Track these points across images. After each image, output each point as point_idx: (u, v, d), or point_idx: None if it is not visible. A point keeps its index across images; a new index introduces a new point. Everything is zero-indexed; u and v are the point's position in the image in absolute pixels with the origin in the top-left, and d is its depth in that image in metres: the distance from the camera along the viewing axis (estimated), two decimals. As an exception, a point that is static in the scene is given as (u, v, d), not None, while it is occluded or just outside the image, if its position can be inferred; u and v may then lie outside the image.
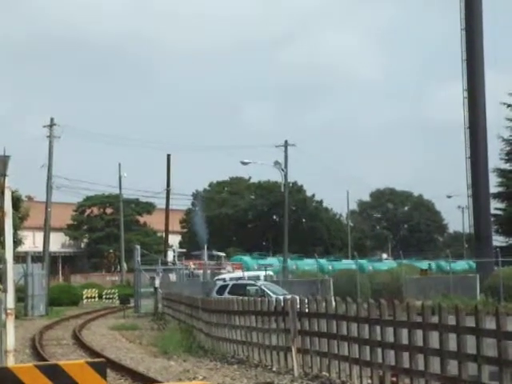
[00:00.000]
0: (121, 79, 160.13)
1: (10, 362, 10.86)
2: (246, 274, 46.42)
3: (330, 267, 52.96)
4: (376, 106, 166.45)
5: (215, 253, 66.72)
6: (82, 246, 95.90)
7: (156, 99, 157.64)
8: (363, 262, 65.39)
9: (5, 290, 11.61)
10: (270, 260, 63.86)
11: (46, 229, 57.86)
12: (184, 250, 73.16)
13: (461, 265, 65.72)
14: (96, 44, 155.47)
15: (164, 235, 69.90)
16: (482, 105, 44.81)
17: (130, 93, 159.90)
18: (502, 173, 54.45)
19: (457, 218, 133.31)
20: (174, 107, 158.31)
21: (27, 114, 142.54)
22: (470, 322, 11.58)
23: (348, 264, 62.22)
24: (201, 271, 54.82)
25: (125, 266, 77.01)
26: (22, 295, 40.04)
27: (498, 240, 53.90)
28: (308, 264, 61.77)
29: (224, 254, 67.51)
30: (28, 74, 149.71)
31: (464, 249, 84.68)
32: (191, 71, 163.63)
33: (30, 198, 78.39)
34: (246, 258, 65.61)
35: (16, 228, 42.31)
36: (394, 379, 13.27)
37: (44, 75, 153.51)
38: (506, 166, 55.16)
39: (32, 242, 76.38)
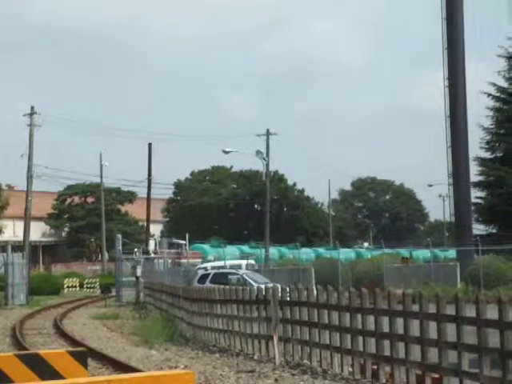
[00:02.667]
0: (101, 68, 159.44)
1: (-10, 352, 10.81)
2: (228, 262, 46.44)
3: (292, 256, 53.08)
4: (358, 96, 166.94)
5: (175, 241, 66.22)
6: (63, 235, 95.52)
7: (138, 88, 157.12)
8: (322, 250, 65.97)
9: (-15, 280, 11.56)
10: (230, 249, 63.60)
11: (27, 218, 57.66)
12: (172, 240, 72.98)
13: (423, 253, 65.90)
14: (76, 32, 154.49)
15: (145, 224, 69.78)
16: (462, 94, 45.00)
17: (111, 82, 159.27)
18: (482, 162, 54.65)
19: (438, 207, 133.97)
20: (156, 96, 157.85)
21: (7, 103, 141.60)
22: (450, 310, 11.65)
23: (307, 253, 62.43)
24: (161, 260, 54.12)
25: (106, 255, 76.85)
26: (2, 284, 39.87)
27: (479, 229, 54.16)
28: (272, 252, 61.68)
29: (184, 242, 67.07)
30: (8, 62, 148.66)
31: (445, 237, 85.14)
32: (172, 59, 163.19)
33: (10, 187, 78.11)
34: (205, 247, 65.41)
35: (-4, 217, 42.13)
36: (375, 367, 13.33)
37: (24, 64, 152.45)
38: (487, 155, 55.39)
39: (12, 231, 76.08)
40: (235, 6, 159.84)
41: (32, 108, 58.96)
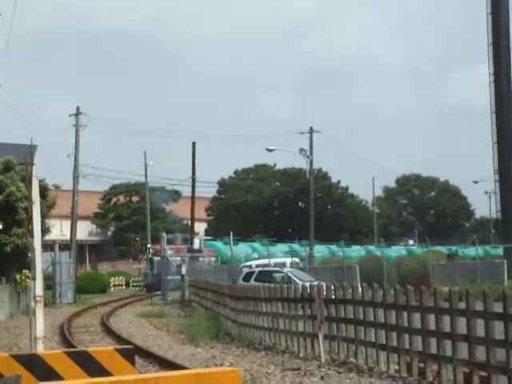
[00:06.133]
0: (145, 68, 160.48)
1: (40, 349, 10.97)
2: (272, 260, 46.48)
3: (304, 253, 52.81)
4: (400, 92, 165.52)
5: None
6: (109, 234, 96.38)
7: (181, 87, 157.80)
8: (334, 248, 65.37)
9: (34, 278, 11.72)
10: (242, 247, 63.21)
11: (73, 217, 58.33)
12: (210, 238, 73.25)
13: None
14: (119, 34, 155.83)
15: (190, 223, 70.07)
16: (507, 89, 44.44)
17: (155, 82, 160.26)
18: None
19: (484, 204, 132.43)
20: (199, 95, 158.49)
21: (53, 104, 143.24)
22: (497, 307, 11.53)
23: (321, 251, 61.83)
24: (178, 258, 52.87)
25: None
26: (49, 283, 40.38)
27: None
28: (282, 250, 61.37)
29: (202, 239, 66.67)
30: (54, 63, 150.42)
31: (491, 234, 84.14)
32: (215, 59, 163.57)
33: (56, 187, 78.90)
34: (218, 244, 65.31)
35: (43, 216, 42.57)
36: (422, 365, 13.24)
37: (69, 65, 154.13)
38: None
39: (59, 230, 76.84)
40: (274, 5, 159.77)
41: (78, 108, 59.54)
